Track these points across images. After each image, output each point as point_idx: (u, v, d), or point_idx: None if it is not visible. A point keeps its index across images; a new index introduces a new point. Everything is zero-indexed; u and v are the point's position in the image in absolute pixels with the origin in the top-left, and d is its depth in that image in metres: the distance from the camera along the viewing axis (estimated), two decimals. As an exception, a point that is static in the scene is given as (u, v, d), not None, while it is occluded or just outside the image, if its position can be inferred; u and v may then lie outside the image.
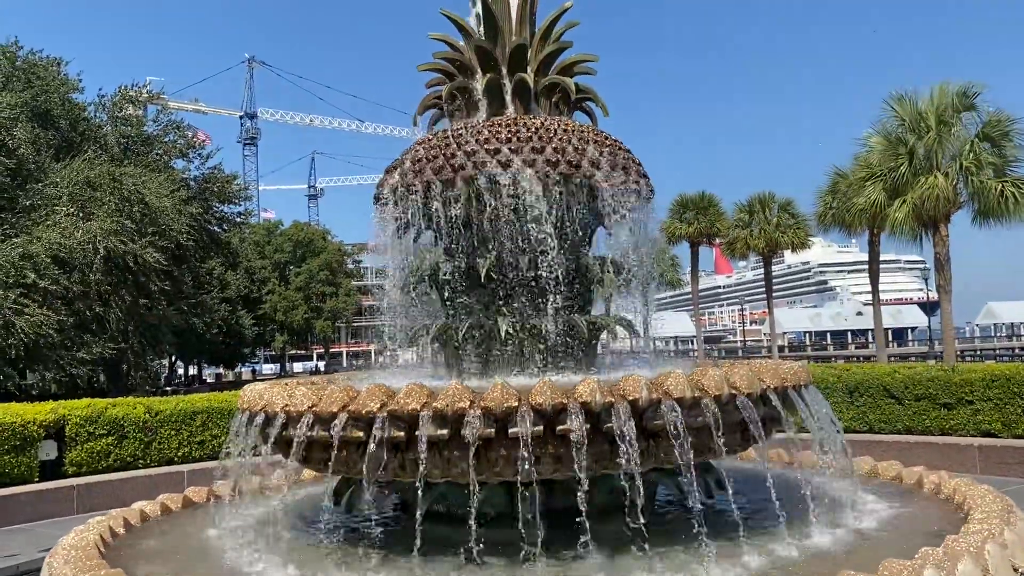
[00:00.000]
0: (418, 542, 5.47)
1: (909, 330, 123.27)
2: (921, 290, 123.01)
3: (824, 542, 5.93)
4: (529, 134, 6.73)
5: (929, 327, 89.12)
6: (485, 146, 6.65)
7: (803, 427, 6.91)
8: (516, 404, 5.24)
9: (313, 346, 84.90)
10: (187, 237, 31.59)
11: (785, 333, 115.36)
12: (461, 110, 7.46)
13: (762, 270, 50.79)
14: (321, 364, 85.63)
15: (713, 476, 6.78)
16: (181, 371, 70.61)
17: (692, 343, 78.10)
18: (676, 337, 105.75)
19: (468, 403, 5.27)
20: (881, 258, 35.97)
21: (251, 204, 57.63)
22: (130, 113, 36.35)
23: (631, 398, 5.32)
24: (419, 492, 5.42)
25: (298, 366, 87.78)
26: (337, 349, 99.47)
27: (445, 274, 7.09)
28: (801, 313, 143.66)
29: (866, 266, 37.57)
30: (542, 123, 6.87)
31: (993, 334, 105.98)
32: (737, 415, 5.70)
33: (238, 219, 45.89)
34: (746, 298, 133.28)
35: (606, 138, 7.08)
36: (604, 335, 7.68)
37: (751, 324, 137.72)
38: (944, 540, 5.14)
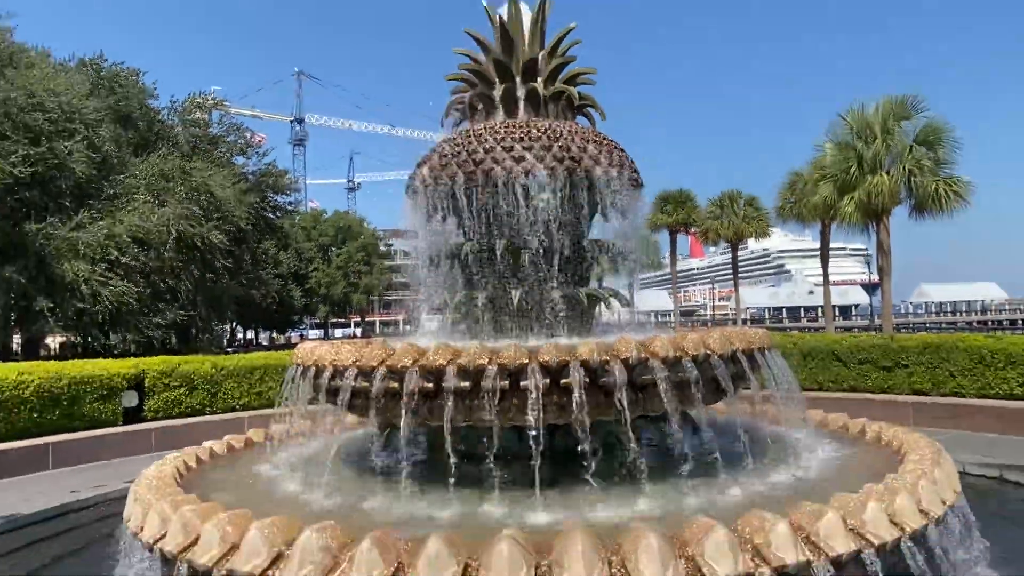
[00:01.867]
0: (445, 476, 5.56)
1: (853, 307, 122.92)
2: (864, 273, 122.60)
3: (784, 479, 5.96)
4: (539, 134, 6.71)
5: (871, 305, 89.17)
6: (502, 144, 6.64)
7: (764, 385, 6.92)
8: (527, 361, 5.27)
9: (351, 315, 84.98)
10: (246, 222, 31.74)
11: (748, 308, 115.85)
12: (481, 114, 7.43)
13: (730, 255, 50.61)
14: (358, 331, 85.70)
15: (690, 423, 6.80)
16: (240, 335, 70.85)
17: (670, 316, 78.01)
18: (656, 311, 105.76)
19: (487, 360, 5.30)
20: (831, 246, 35.87)
21: (300, 195, 57.56)
22: (198, 117, 36.37)
23: (623, 357, 5.33)
24: (445, 434, 5.48)
25: (338, 332, 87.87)
26: (371, 318, 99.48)
27: (466, 253, 7.09)
28: (762, 292, 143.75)
29: (818, 252, 37.33)
30: (550, 125, 6.84)
31: (924, 311, 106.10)
32: (711, 372, 5.71)
33: (289, 207, 46.12)
34: (716, 278, 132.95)
35: (604, 138, 7.05)
36: (599, 306, 7.70)
37: (720, 300, 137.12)
38: (885, 478, 5.17)
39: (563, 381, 5.29)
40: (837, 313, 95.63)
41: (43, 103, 24.71)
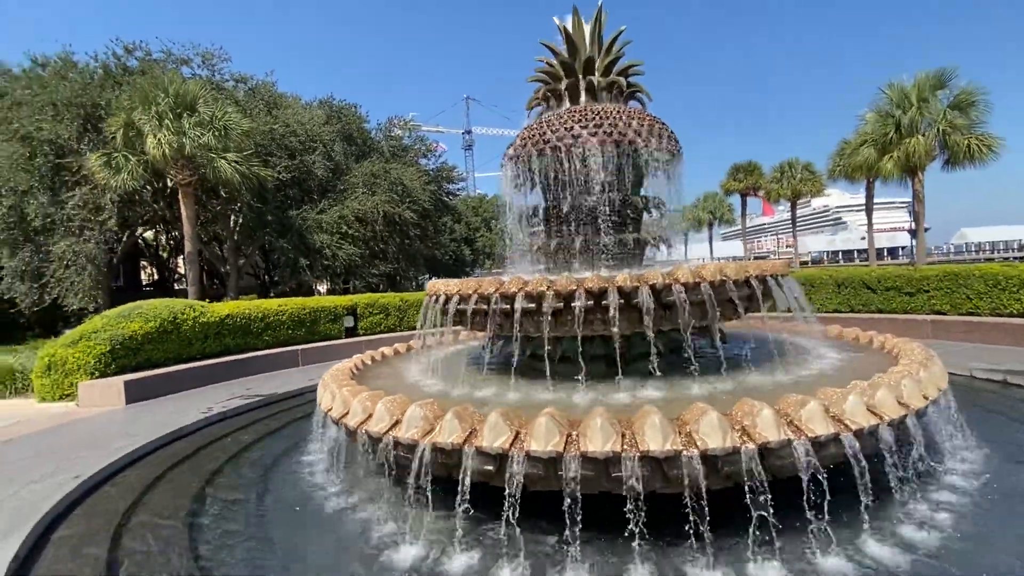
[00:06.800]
0: (520, 371, 5.45)
1: (900, 248, 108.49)
2: (908, 221, 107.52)
3: (789, 377, 5.31)
4: (593, 116, 6.20)
5: (912, 246, 78.15)
6: (564, 126, 6.20)
7: (778, 307, 6.14)
8: (575, 288, 4.98)
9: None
10: (429, 204, 32.66)
11: (809, 252, 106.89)
12: (553, 103, 7.00)
13: (797, 211, 46.28)
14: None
15: (710, 334, 6.21)
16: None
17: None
18: (733, 256, 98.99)
19: (546, 287, 5.06)
20: (882, 200, 31.58)
21: (466, 184, 58.74)
22: (395, 133, 37.61)
23: (651, 283, 4.91)
24: (518, 342, 5.34)
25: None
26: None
27: (543, 211, 6.81)
28: (822, 239, 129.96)
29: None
30: (602, 108, 6.29)
31: (964, 251, 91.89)
32: (726, 294, 5.15)
33: (457, 193, 47.15)
34: (781, 231, 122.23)
35: (645, 116, 6.38)
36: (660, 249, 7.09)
37: (785, 248, 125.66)
38: (872, 376, 4.46)
39: (604, 302, 4.96)
40: (886, 254, 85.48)
41: (295, 131, 26.56)
